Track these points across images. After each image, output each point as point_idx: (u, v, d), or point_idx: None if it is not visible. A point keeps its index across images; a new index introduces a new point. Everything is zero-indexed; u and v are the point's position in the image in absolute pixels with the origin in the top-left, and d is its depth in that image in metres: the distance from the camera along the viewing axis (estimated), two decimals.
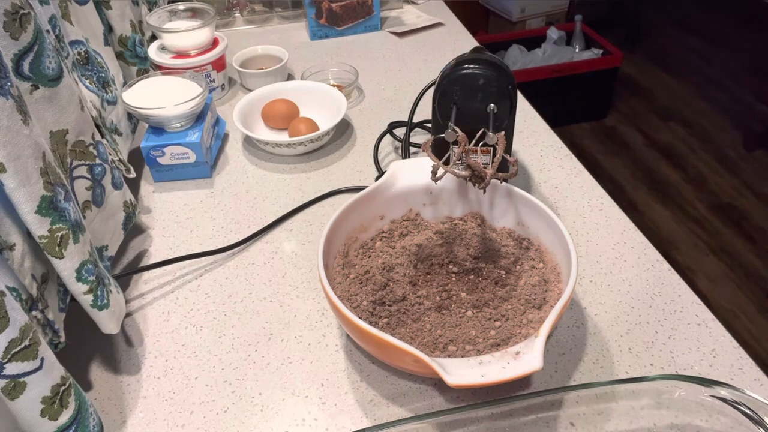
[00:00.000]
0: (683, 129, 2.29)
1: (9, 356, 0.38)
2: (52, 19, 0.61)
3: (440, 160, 0.54)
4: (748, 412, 0.44)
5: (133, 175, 0.71)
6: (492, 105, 0.60)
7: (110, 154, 0.64)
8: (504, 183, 0.61)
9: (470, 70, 0.60)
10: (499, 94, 0.60)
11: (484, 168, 0.54)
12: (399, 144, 0.85)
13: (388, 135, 0.86)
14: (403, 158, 0.80)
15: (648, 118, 2.37)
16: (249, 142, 0.87)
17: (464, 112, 0.61)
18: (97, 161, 0.59)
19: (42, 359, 0.40)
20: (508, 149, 0.63)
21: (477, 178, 0.54)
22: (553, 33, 2.29)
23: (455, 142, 0.54)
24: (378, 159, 0.82)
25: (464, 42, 1.13)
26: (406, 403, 0.53)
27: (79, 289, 0.49)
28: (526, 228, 0.61)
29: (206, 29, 0.92)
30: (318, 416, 0.52)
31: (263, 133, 0.88)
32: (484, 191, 0.55)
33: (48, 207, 0.45)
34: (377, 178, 0.75)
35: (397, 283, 0.57)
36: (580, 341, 0.57)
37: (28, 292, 0.46)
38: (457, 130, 0.54)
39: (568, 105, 2.29)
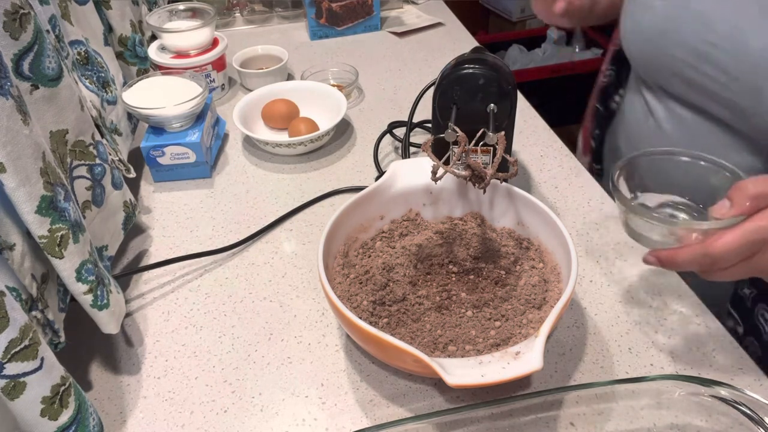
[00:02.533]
0: None
1: (9, 356, 0.38)
2: (52, 19, 0.61)
3: (440, 160, 0.54)
4: (748, 412, 0.44)
5: (133, 175, 0.71)
6: (492, 105, 0.60)
7: (110, 154, 0.64)
8: (504, 183, 0.61)
9: (470, 70, 0.59)
10: (499, 94, 0.60)
11: (484, 168, 0.54)
12: (399, 144, 0.85)
13: (388, 135, 0.86)
14: (403, 158, 0.80)
15: None
16: (249, 142, 0.87)
17: (464, 112, 0.61)
18: (97, 161, 0.59)
19: (42, 359, 0.40)
20: (508, 149, 0.63)
21: (477, 178, 0.54)
22: (553, 33, 2.29)
23: (455, 142, 0.54)
24: (378, 159, 0.82)
25: (464, 42, 1.13)
26: (406, 403, 0.53)
27: (79, 289, 0.49)
28: (526, 228, 0.61)
29: (206, 29, 0.92)
30: (318, 416, 0.52)
31: (263, 133, 0.88)
32: (484, 191, 0.55)
33: (48, 207, 0.45)
34: (377, 178, 0.75)
35: (397, 283, 0.57)
36: (580, 341, 0.57)
37: (28, 292, 0.46)
38: (457, 130, 0.54)
39: (568, 105, 2.29)
